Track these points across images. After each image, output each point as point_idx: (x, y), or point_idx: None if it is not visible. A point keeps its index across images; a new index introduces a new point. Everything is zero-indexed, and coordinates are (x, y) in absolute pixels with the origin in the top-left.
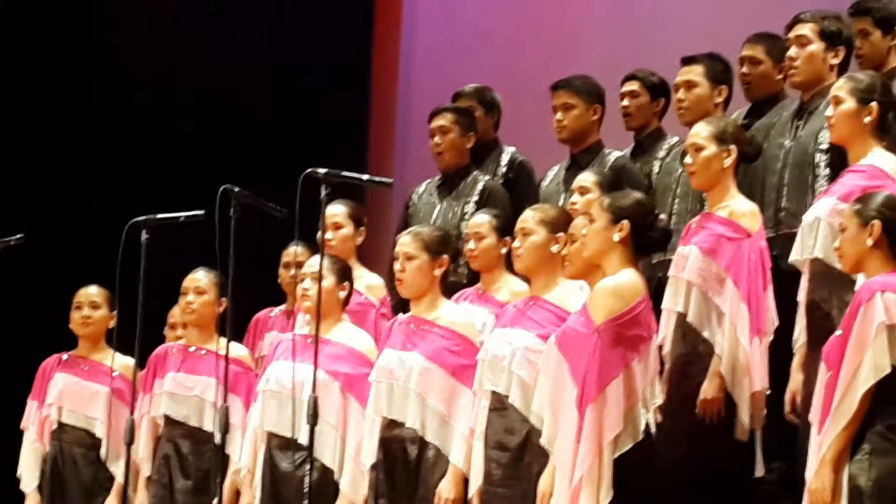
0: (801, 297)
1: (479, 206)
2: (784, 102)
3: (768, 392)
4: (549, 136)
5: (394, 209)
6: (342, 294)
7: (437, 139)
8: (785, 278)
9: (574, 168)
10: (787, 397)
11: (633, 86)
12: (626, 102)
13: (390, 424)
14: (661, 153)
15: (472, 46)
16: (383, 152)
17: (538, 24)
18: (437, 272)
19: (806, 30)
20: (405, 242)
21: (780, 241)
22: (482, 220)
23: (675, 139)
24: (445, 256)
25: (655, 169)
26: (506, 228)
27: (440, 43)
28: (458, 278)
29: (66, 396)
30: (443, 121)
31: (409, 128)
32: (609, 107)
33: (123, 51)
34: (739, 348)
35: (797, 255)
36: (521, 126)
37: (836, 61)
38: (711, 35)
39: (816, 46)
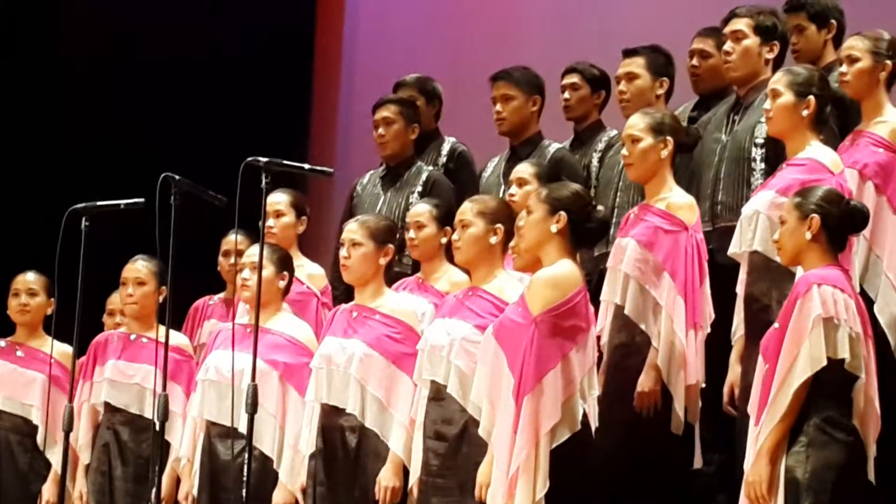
0: (740, 289)
1: (423, 196)
2: (732, 96)
3: (703, 385)
4: (490, 126)
5: (335, 199)
6: (282, 284)
7: (381, 130)
8: (722, 271)
9: (514, 159)
10: (726, 389)
11: (573, 78)
12: (566, 95)
13: (330, 412)
14: (600, 145)
15: (413, 37)
16: (325, 141)
17: (480, 14)
18: (382, 261)
19: (741, 24)
20: (352, 229)
21: (717, 235)
22: (422, 210)
23: (614, 132)
24: (391, 246)
25: (594, 161)
26: (446, 218)
27: (382, 33)
28: (402, 269)
29: (2, 383)
30: (387, 112)
31: (351, 117)
32: (549, 98)
33: (63, 37)
34: (676, 340)
35: (736, 248)
36: (461, 116)
37: (771, 56)
38: (653, 28)
39: (751, 41)
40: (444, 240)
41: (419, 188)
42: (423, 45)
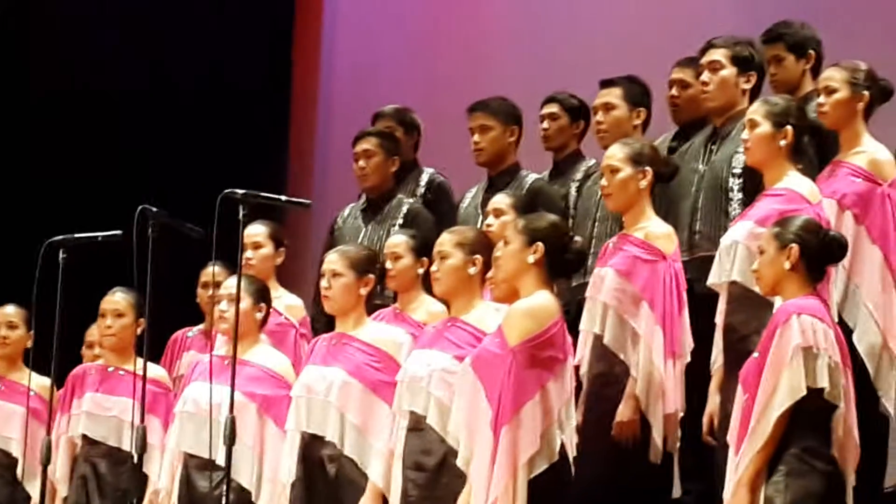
0: (719, 319)
1: (404, 228)
2: (707, 127)
3: (682, 414)
4: (468, 157)
5: (313, 230)
6: (259, 315)
7: (361, 163)
8: (700, 301)
9: (491, 190)
10: (705, 419)
11: (552, 108)
12: (545, 125)
13: (310, 441)
14: (579, 175)
15: (391, 68)
16: (302, 173)
17: (457, 45)
18: (363, 291)
19: (718, 55)
20: (332, 260)
21: (695, 265)
22: (399, 241)
23: (593, 161)
24: (371, 276)
25: (572, 191)
26: (422, 248)
27: (359, 64)
28: (384, 301)
29: None
30: (367, 144)
31: (329, 149)
32: (528, 129)
33: (37, 67)
34: (654, 370)
35: (715, 279)
36: (440, 147)
37: (747, 86)
38: (630, 58)
39: (728, 71)
40: (420, 270)
41: (400, 221)
42: (401, 76)
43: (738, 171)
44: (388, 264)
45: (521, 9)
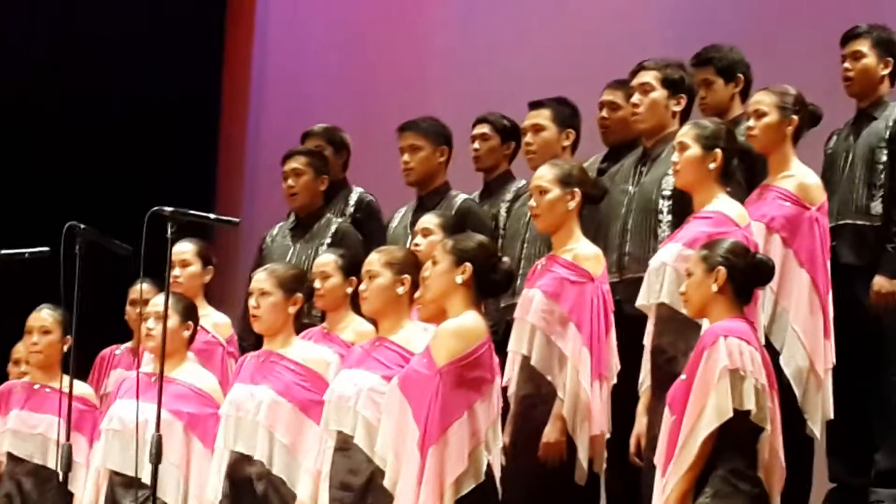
0: (647, 341)
1: (332, 248)
2: (637, 149)
3: (608, 435)
4: (398, 176)
5: (242, 249)
6: (186, 333)
7: (290, 182)
8: (629, 322)
9: (421, 210)
10: (632, 440)
11: (483, 128)
12: (476, 145)
13: (238, 459)
14: (509, 196)
15: (321, 87)
16: (232, 191)
17: (387, 65)
18: (292, 310)
19: (649, 77)
20: (260, 279)
21: (624, 286)
22: (327, 260)
23: (523, 182)
24: (299, 295)
25: (502, 211)
26: (351, 268)
27: (290, 82)
28: (311, 320)
29: None
30: (296, 163)
31: (258, 167)
32: (458, 149)
33: None
34: (581, 392)
35: (643, 300)
36: (369, 166)
37: (678, 108)
38: (560, 79)
39: (659, 94)
40: (349, 290)
41: (328, 240)
42: (331, 96)
43: (667, 193)
44: (317, 283)
45: (454, 30)
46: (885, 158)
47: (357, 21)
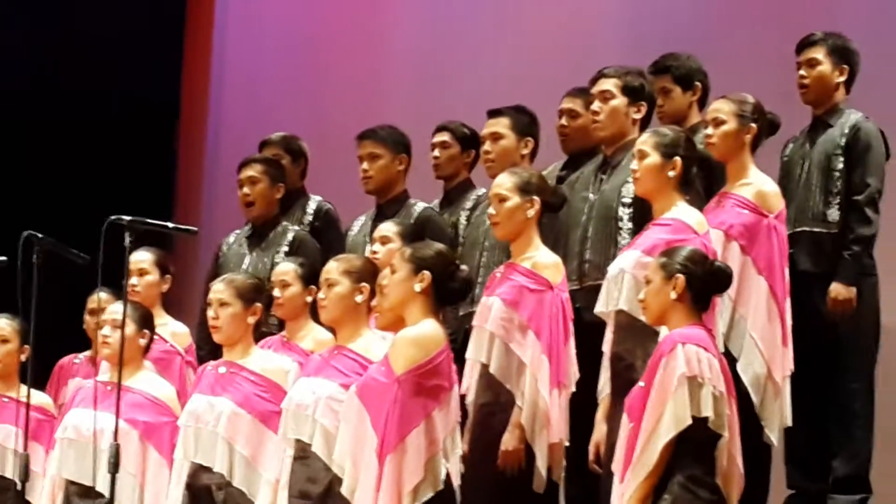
0: (606, 348)
1: (289, 256)
2: (601, 156)
3: (567, 443)
4: (356, 185)
5: (201, 257)
6: (142, 342)
7: (246, 189)
8: (589, 330)
9: (380, 218)
10: (591, 447)
11: (443, 136)
12: (436, 153)
13: (197, 470)
14: (469, 204)
15: (279, 95)
16: (190, 200)
17: (346, 73)
18: (251, 320)
19: (609, 85)
20: (219, 289)
21: (584, 293)
22: (287, 269)
23: (483, 191)
24: (258, 304)
25: (462, 220)
26: (311, 277)
27: (248, 91)
28: (268, 328)
29: None
30: (252, 171)
31: (217, 176)
32: (418, 158)
33: None
34: (539, 400)
35: (602, 307)
36: (328, 175)
37: (638, 116)
38: (518, 88)
39: (619, 101)
40: (308, 298)
41: (285, 248)
42: (290, 104)
43: (627, 200)
44: (277, 292)
45: (413, 38)
46: (841, 166)
47: (315, 30)
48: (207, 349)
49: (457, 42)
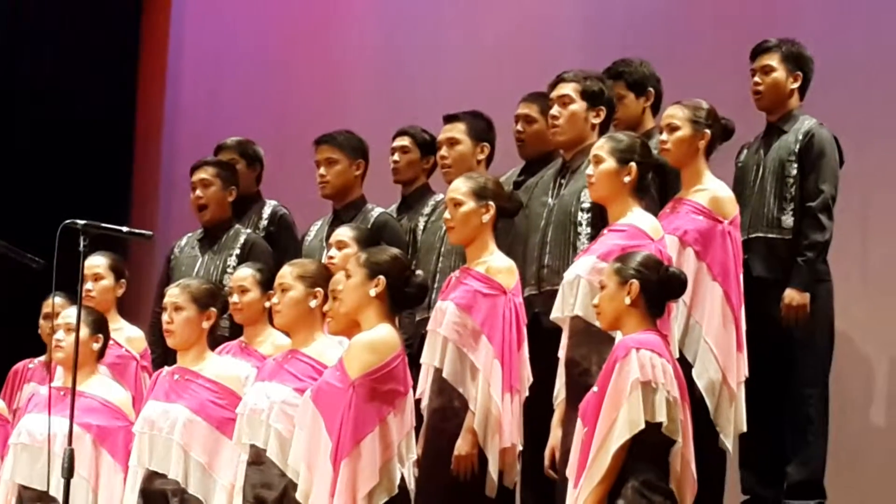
0: (562, 353)
1: (241, 259)
2: (557, 161)
3: (521, 448)
4: (313, 189)
5: (157, 262)
6: (96, 346)
7: (198, 192)
8: (547, 335)
9: (336, 223)
10: (547, 453)
11: (404, 141)
12: (396, 157)
13: (152, 476)
14: (427, 209)
15: (237, 99)
16: (146, 204)
17: (305, 77)
18: (205, 325)
19: (568, 89)
20: (174, 294)
21: (543, 298)
22: (245, 274)
23: (441, 196)
24: (213, 309)
25: (420, 225)
26: (269, 282)
27: (205, 95)
28: (221, 332)
29: None
30: (204, 174)
31: (173, 180)
32: (375, 162)
33: None
34: (492, 405)
35: (558, 313)
36: (284, 179)
37: (597, 121)
38: (477, 94)
39: (578, 106)
40: (267, 304)
41: (237, 251)
42: (247, 108)
43: (586, 205)
44: (235, 298)
45: (371, 42)
46: (795, 172)
47: (273, 34)
48: (159, 352)
49: (417, 46)
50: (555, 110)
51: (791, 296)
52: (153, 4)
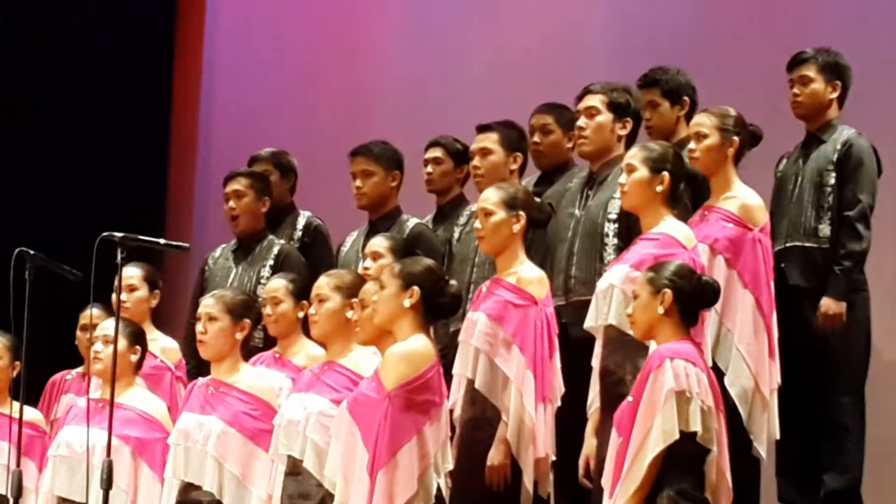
0: (595, 362)
1: (275, 270)
2: (573, 171)
3: (554, 458)
4: (348, 200)
5: (191, 273)
6: (134, 358)
7: (231, 203)
8: (576, 345)
9: (372, 234)
10: (581, 462)
11: (436, 152)
12: (429, 168)
13: (187, 487)
14: (462, 219)
15: (270, 112)
16: (181, 216)
17: (337, 88)
18: (239, 336)
19: (595, 101)
20: (208, 304)
21: (571, 309)
22: (278, 285)
23: (475, 206)
24: (247, 320)
25: (456, 235)
26: (302, 293)
27: (239, 107)
28: (254, 343)
29: None
30: (237, 185)
31: (208, 192)
32: (410, 172)
33: None
34: (525, 415)
35: (592, 322)
36: (319, 191)
37: (623, 132)
38: (503, 105)
39: (605, 117)
40: (300, 314)
41: (271, 262)
42: (280, 119)
43: (613, 216)
44: (268, 309)
45: (403, 53)
46: (832, 181)
47: (303, 49)
48: (193, 363)
49: (445, 59)
50: (582, 121)
51: (827, 304)
52: (187, 19)
